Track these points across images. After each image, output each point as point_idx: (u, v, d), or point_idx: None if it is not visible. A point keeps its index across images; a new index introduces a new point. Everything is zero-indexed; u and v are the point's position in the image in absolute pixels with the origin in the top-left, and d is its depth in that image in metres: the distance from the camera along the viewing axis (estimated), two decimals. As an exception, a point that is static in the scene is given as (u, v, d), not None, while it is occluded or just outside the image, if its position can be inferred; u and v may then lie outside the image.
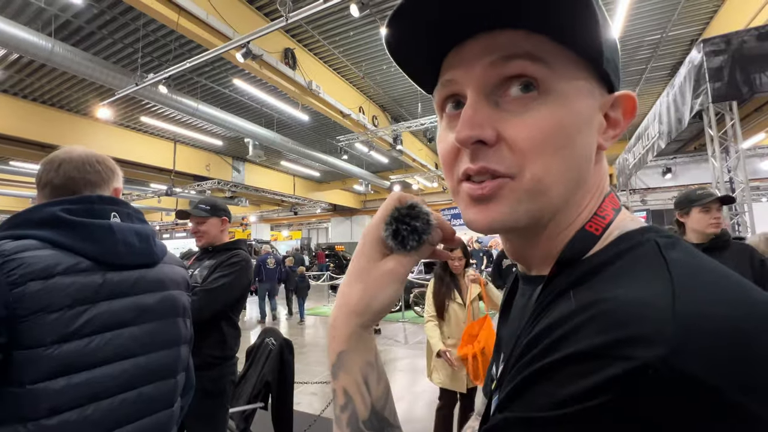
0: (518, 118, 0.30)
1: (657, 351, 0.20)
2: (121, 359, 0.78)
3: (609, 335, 0.22)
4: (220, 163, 12.16)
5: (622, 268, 0.27)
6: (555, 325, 0.25)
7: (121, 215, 0.85)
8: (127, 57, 6.28)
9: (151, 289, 0.86)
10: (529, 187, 0.30)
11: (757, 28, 4.16)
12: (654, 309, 0.22)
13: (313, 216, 21.78)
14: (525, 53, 0.29)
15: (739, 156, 4.36)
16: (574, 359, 0.22)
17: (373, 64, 6.97)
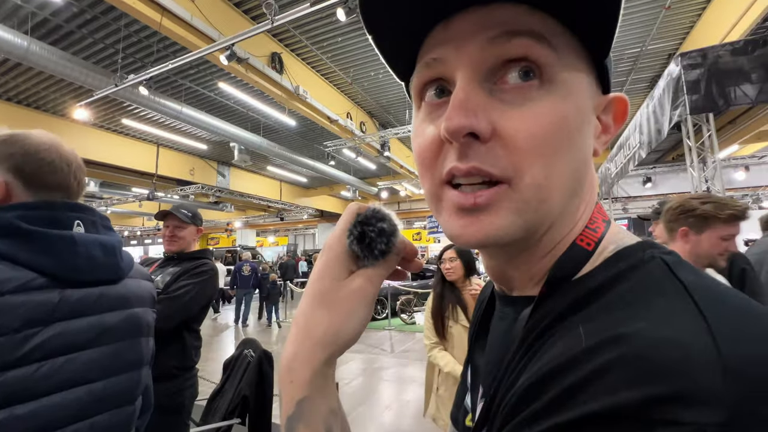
0: (517, 110, 0.25)
1: (714, 415, 0.15)
2: (74, 386, 0.69)
3: (643, 390, 0.17)
4: (205, 167, 11.93)
5: (631, 292, 0.23)
6: (564, 370, 0.20)
7: (85, 224, 0.77)
8: (107, 57, 6.11)
9: (114, 307, 0.79)
10: (529, 195, 0.26)
11: (731, 43, 4.32)
12: (697, 353, 0.17)
13: (300, 222, 21.57)
14: (530, 31, 0.24)
15: (716, 166, 4.49)
16: (600, 420, 0.18)
17: (361, 70, 6.97)
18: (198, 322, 1.62)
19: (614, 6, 0.24)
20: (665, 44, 6.31)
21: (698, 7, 5.42)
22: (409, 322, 7.40)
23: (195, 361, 1.60)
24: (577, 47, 0.26)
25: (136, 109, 8.07)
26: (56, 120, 8.33)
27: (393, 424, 3.15)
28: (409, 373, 4.50)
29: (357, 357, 5.19)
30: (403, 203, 18.13)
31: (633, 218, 12.86)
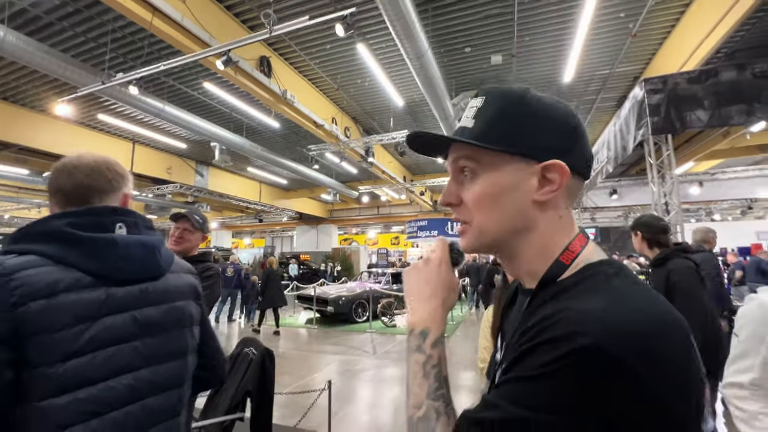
0: (466, 189, 0.52)
1: (588, 339, 0.35)
2: (124, 373, 0.77)
3: (565, 330, 0.37)
4: (183, 166, 11.65)
5: (582, 289, 0.43)
6: (537, 324, 0.41)
7: (128, 226, 0.85)
8: (88, 51, 5.94)
9: (156, 301, 0.86)
10: (477, 230, 0.51)
11: (688, 72, 4.78)
12: (591, 315, 0.37)
13: (278, 224, 21.28)
14: (465, 156, 0.51)
15: (673, 182, 4.93)
16: (546, 342, 0.38)
17: (348, 77, 7.11)
18: None
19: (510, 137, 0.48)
20: (631, 68, 6.84)
21: (660, 37, 5.94)
22: (390, 325, 7.54)
23: None
24: (497, 154, 0.49)
25: (114, 105, 7.84)
26: (28, 113, 7.95)
27: (374, 421, 3.28)
28: (391, 374, 4.64)
29: (341, 359, 5.28)
30: (383, 207, 18.30)
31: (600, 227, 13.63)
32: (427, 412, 0.46)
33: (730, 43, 5.59)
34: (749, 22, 5.16)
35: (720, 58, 6.03)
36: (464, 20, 5.49)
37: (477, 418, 0.42)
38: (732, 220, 15.55)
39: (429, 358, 0.50)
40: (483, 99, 0.51)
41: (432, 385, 0.48)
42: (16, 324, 0.66)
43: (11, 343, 0.66)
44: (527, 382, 0.38)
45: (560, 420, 0.35)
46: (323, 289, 8.65)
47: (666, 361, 0.35)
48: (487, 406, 0.42)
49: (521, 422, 0.37)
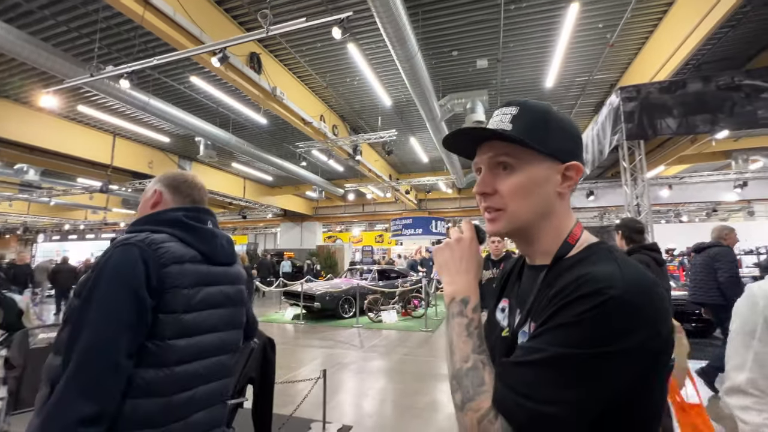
0: (503, 181, 0.61)
1: (616, 291, 0.46)
2: (214, 331, 1.00)
3: (596, 285, 0.48)
4: (165, 160, 11.41)
5: (594, 260, 0.55)
6: (567, 286, 0.51)
7: (213, 224, 1.11)
8: (70, 41, 5.80)
9: (232, 281, 1.10)
10: (510, 214, 0.61)
11: (659, 82, 5.11)
12: (612, 276, 0.49)
13: (262, 221, 21.05)
14: (504, 153, 0.60)
15: (644, 185, 5.26)
16: (582, 296, 0.48)
17: (337, 75, 7.18)
18: None
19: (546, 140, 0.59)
20: (608, 76, 7.20)
21: (635, 47, 6.29)
22: (376, 320, 7.68)
23: None
24: (530, 152, 0.60)
25: (95, 96, 7.63)
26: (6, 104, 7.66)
27: (358, 410, 3.42)
28: (379, 366, 4.79)
29: (329, 352, 5.39)
30: (368, 206, 18.39)
31: (577, 227, 14.19)
32: (475, 363, 0.55)
33: (698, 56, 5.99)
34: (715, 37, 5.54)
35: (689, 70, 6.44)
36: (452, 24, 5.66)
37: (522, 361, 0.49)
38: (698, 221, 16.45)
39: (471, 321, 0.59)
40: (517, 108, 0.61)
41: (475, 342, 0.57)
42: (162, 280, 0.89)
43: (157, 294, 0.88)
44: (568, 327, 0.47)
45: (597, 351, 0.45)
46: (310, 286, 8.71)
47: (661, 307, 0.48)
48: (531, 351, 0.49)
49: (566, 358, 0.46)
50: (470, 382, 0.53)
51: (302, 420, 3.00)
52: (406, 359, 5.09)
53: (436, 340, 6.18)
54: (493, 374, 0.53)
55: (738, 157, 10.43)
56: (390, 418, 3.28)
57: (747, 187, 11.39)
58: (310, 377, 3.30)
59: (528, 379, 0.48)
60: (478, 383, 0.52)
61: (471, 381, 0.53)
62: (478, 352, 0.56)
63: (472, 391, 0.52)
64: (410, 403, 3.58)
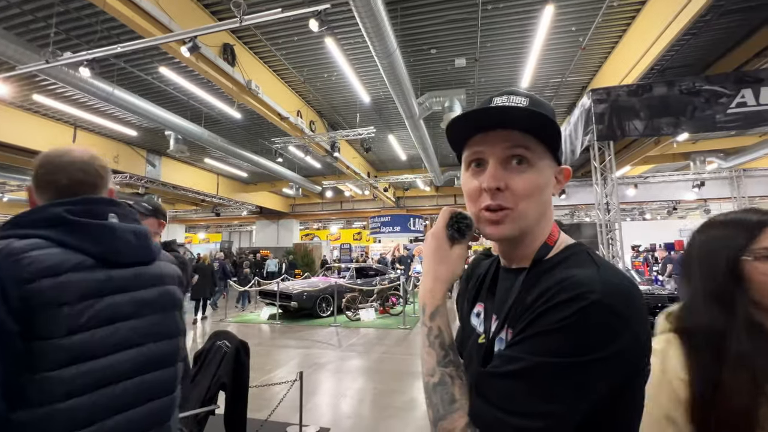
0: (517, 177, 0.54)
1: (596, 296, 0.44)
2: (123, 349, 0.82)
3: (577, 290, 0.45)
4: (132, 155, 10.87)
5: (573, 263, 0.52)
6: (549, 289, 0.48)
7: (118, 216, 0.89)
8: (23, 24, 5.38)
9: (152, 284, 0.91)
10: (519, 215, 0.54)
11: (628, 86, 5.32)
12: (593, 279, 0.46)
13: (237, 218, 20.48)
14: (522, 145, 0.54)
15: (613, 184, 5.47)
16: (563, 302, 0.45)
17: (314, 70, 7.04)
18: None
19: (556, 137, 0.55)
20: (580, 78, 7.43)
21: (606, 51, 6.52)
22: (354, 319, 7.63)
23: None
24: (544, 148, 0.55)
25: (52, 85, 7.14)
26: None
27: (335, 409, 3.38)
28: (357, 365, 4.75)
29: (306, 353, 5.30)
30: (346, 203, 18.26)
31: (549, 224, 14.71)
32: (442, 377, 0.51)
33: (662, 61, 6.27)
34: (678, 44, 5.82)
35: (653, 75, 6.74)
36: (431, 22, 5.66)
37: (500, 372, 0.46)
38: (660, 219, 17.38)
39: (430, 330, 0.54)
40: (527, 99, 0.55)
41: (439, 353, 0.52)
42: (27, 298, 0.70)
43: (22, 316, 0.70)
44: (548, 334, 0.44)
45: (579, 360, 0.43)
46: (286, 285, 8.54)
47: (640, 311, 0.47)
48: (509, 360, 0.46)
49: (545, 367, 0.43)
50: (439, 399, 0.50)
51: (278, 424, 2.92)
52: (384, 357, 5.08)
53: (414, 337, 6.21)
54: (464, 388, 0.50)
55: (696, 159, 11.07)
56: (368, 419, 3.25)
57: (704, 186, 12.12)
58: (286, 379, 3.22)
59: (508, 392, 0.45)
60: (449, 400, 0.49)
61: (440, 398, 0.50)
62: (443, 364, 0.52)
63: (443, 409, 0.49)
64: (388, 402, 3.56)
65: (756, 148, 9.67)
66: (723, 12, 5.28)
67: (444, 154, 11.92)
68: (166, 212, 1.86)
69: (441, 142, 11.11)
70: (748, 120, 4.81)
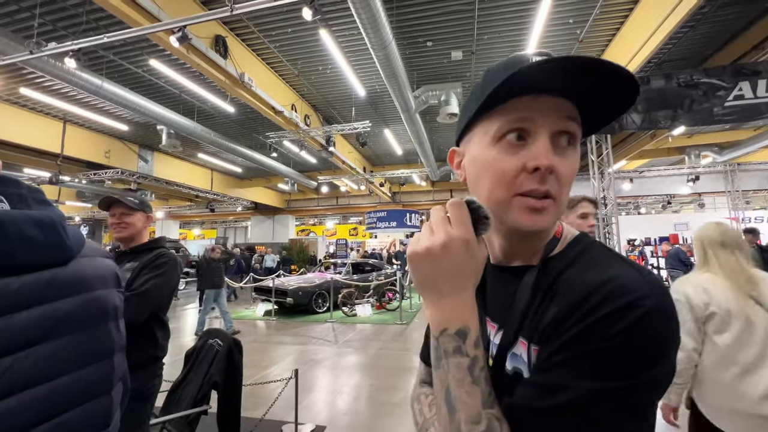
0: (564, 159, 0.45)
1: (651, 302, 0.37)
2: (32, 386, 0.58)
3: (627, 298, 0.37)
4: (124, 150, 10.68)
5: (593, 259, 0.44)
6: (587, 298, 0.39)
7: (9, 198, 0.63)
8: (7, 15, 5.22)
9: (69, 292, 0.66)
10: (560, 207, 0.46)
11: (625, 79, 5.27)
12: (641, 281, 0.39)
13: (231, 214, 20.33)
14: (575, 118, 0.45)
15: (611, 178, 5.45)
16: (615, 312, 0.37)
17: (309, 63, 6.92)
18: (164, 310, 1.62)
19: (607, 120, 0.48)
20: (577, 71, 7.38)
21: (603, 44, 6.46)
22: (350, 314, 7.60)
23: (165, 351, 1.60)
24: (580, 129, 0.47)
25: (40, 78, 6.96)
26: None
27: (331, 407, 3.34)
28: (353, 361, 4.72)
29: (302, 349, 5.26)
30: (342, 198, 18.17)
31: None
32: (490, 424, 0.40)
33: (660, 54, 6.23)
34: (676, 37, 5.78)
35: (651, 68, 6.70)
36: (427, 14, 5.57)
37: (547, 407, 0.38)
38: (654, 213, 17.49)
39: (475, 361, 0.42)
40: None
41: (485, 390, 0.41)
42: None
43: None
44: (601, 353, 0.36)
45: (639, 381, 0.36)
46: (282, 281, 8.48)
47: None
48: (551, 389, 0.38)
49: (605, 394, 0.36)
50: None
51: (273, 422, 2.88)
52: (381, 353, 5.05)
53: (411, 332, 6.19)
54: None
55: (691, 153, 11.11)
56: (365, 416, 3.22)
57: (699, 181, 12.18)
58: (281, 376, 3.17)
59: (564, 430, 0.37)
60: None
61: None
62: (490, 404, 0.41)
63: None
64: (385, 399, 3.53)
65: (750, 142, 9.71)
66: (721, 4, 5.24)
67: (440, 149, 11.85)
68: (150, 205, 1.80)
69: (437, 136, 11.02)
70: (745, 113, 4.79)
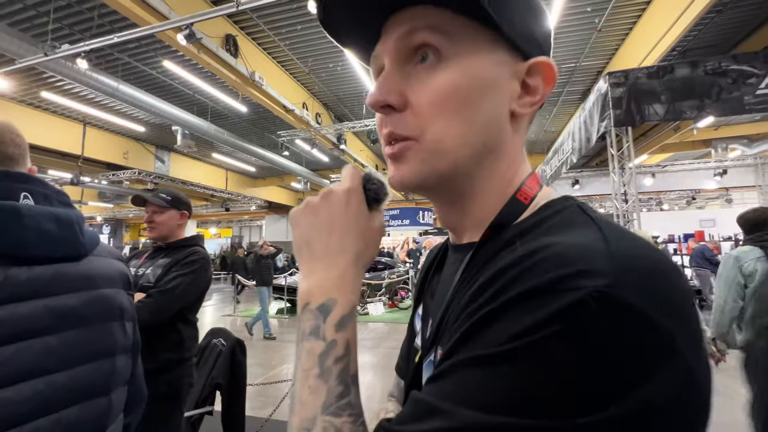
0: (421, 83, 0.33)
1: (599, 281, 0.21)
2: (31, 378, 0.60)
3: (557, 272, 0.23)
4: (141, 151, 10.93)
5: (556, 224, 0.30)
6: (502, 272, 0.26)
7: (35, 196, 0.68)
8: (27, 20, 5.36)
9: (76, 287, 0.69)
10: (431, 148, 0.33)
11: (647, 68, 5.03)
12: (594, 250, 0.24)
13: (246, 213, 20.63)
14: (426, 26, 0.32)
15: (632, 172, 5.21)
16: (525, 296, 0.23)
17: (319, 60, 6.89)
18: (193, 312, 1.58)
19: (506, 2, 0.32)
20: (596, 62, 7.11)
21: (623, 33, 6.19)
22: (362, 313, 7.56)
23: (192, 352, 1.56)
24: (478, 27, 0.32)
25: (60, 82, 7.16)
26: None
27: (352, 409, 3.29)
28: (365, 361, 4.66)
29: (312, 348, 5.24)
30: (354, 196, 18.18)
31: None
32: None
33: (684, 42, 5.93)
34: (702, 23, 5.48)
35: (674, 56, 6.39)
36: (438, 7, 5.45)
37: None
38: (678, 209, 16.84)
39: (331, 347, 0.31)
40: None
41: (333, 389, 0.30)
42: None
43: None
44: (492, 365, 0.23)
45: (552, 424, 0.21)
46: (294, 279, 8.51)
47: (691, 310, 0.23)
48: (426, 412, 0.25)
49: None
50: None
51: (281, 423, 2.84)
52: (393, 353, 4.98)
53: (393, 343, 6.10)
54: None
55: (717, 146, 10.59)
56: (375, 416, 3.16)
57: (726, 175, 11.63)
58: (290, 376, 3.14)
59: None
60: None
61: None
62: (334, 410, 0.29)
63: None
64: (396, 399, 3.46)
65: (783, 134, 9.19)
66: (751, -14, 4.94)
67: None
68: (189, 202, 1.71)
69: (450, 132, 10.85)
70: (779, 101, 4.49)
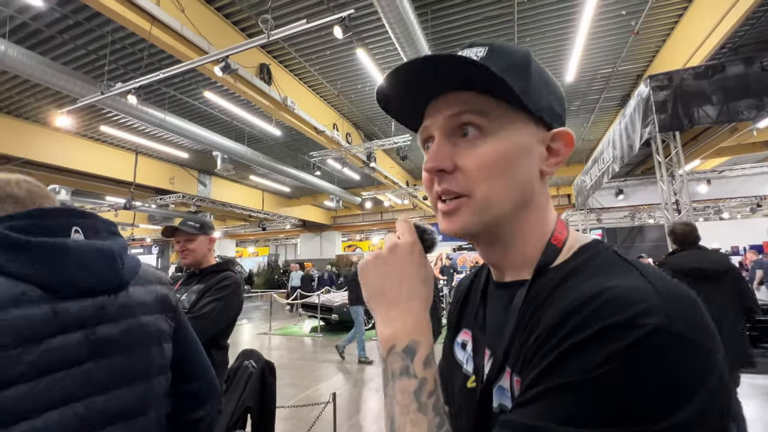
0: (468, 151, 0.40)
1: (659, 319, 0.27)
2: (71, 402, 0.65)
3: (626, 313, 0.28)
4: (185, 176, 11.68)
5: (599, 268, 0.36)
6: (574, 311, 0.31)
7: (85, 229, 0.73)
8: (89, 63, 5.98)
9: (114, 317, 0.74)
10: (481, 204, 0.40)
11: (694, 68, 4.69)
12: (646, 291, 0.30)
13: (282, 232, 21.27)
14: (471, 109, 0.40)
15: (683, 180, 4.81)
16: (606, 331, 0.28)
17: (348, 82, 7.09)
18: (225, 337, 1.60)
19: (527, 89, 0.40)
20: (634, 66, 6.77)
21: (663, 34, 5.86)
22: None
23: (222, 378, 1.57)
24: (512, 110, 0.40)
25: (116, 116, 7.87)
26: (32, 127, 8.02)
27: None
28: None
29: (347, 368, 5.18)
30: (386, 213, 18.23)
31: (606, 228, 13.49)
32: None
33: (734, 38, 5.51)
34: (754, 17, 5.07)
35: (724, 54, 5.94)
36: (464, 22, 5.45)
37: None
38: (741, 217, 15.31)
39: (423, 384, 0.37)
40: (485, 49, 0.41)
41: (432, 420, 0.35)
42: None
43: None
44: (585, 388, 0.28)
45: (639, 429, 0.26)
46: (327, 297, 8.55)
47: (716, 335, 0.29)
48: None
49: None
50: None
51: (313, 447, 2.79)
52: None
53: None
54: None
55: (783, 147, 9.60)
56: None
57: (796, 178, 10.47)
58: (323, 398, 3.09)
59: None
60: None
61: None
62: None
63: None
64: (431, 425, 3.30)
65: None
66: (811, -27, 4.52)
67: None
68: (213, 226, 1.82)
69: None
70: None
